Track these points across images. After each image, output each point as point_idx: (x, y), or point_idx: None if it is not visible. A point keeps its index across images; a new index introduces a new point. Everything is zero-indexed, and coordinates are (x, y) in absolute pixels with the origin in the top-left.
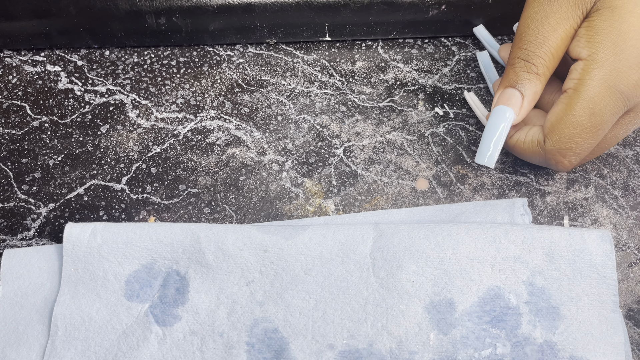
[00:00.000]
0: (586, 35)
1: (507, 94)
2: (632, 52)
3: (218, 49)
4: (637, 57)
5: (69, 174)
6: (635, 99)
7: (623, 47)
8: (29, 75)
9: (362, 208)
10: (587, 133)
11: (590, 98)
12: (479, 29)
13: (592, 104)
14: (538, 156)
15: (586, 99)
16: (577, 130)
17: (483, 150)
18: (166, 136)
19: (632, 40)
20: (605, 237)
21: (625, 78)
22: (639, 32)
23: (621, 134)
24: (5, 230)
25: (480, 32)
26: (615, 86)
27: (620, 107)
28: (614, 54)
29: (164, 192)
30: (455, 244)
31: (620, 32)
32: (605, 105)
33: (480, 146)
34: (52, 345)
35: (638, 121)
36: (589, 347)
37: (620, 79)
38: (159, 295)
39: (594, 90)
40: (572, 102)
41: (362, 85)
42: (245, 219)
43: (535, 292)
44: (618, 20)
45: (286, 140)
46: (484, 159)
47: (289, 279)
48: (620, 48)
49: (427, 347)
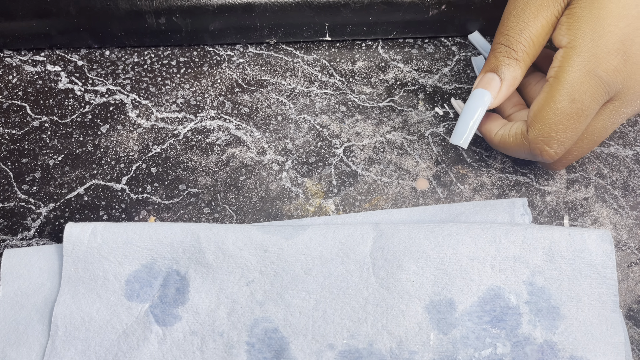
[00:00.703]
0: (567, 23)
1: (486, 78)
2: (611, 38)
3: (218, 49)
4: (616, 43)
5: (69, 174)
6: (615, 85)
7: (601, 33)
8: (29, 75)
9: (362, 208)
10: (568, 120)
11: (570, 84)
12: (474, 35)
13: (572, 91)
14: (523, 148)
15: (566, 86)
16: (558, 118)
17: (459, 132)
18: (166, 136)
19: (611, 26)
20: (605, 237)
21: (604, 64)
22: (617, 18)
23: (609, 125)
24: (5, 230)
25: (475, 39)
26: (594, 72)
27: (600, 93)
28: (592, 40)
29: (164, 192)
30: (455, 244)
31: (599, 19)
32: (584, 92)
33: (456, 127)
34: (52, 345)
35: (624, 111)
36: (589, 347)
37: (598, 64)
38: (159, 295)
39: (574, 77)
40: (552, 90)
41: (362, 85)
42: (245, 219)
43: (536, 292)
44: (597, 7)
45: (286, 140)
46: (459, 140)
47: (289, 278)
48: (599, 34)
49: (427, 347)
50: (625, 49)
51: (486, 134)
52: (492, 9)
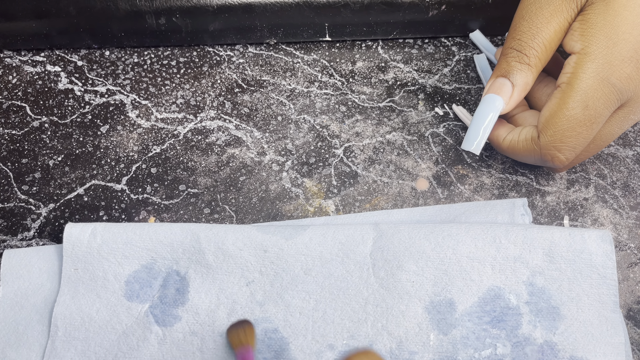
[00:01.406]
0: (580, 28)
1: (498, 83)
2: (625, 46)
3: (218, 49)
4: (630, 50)
5: (69, 174)
6: (628, 92)
7: (616, 40)
8: (29, 75)
9: (362, 208)
10: (581, 127)
11: (584, 91)
12: (475, 34)
13: (585, 97)
14: (533, 154)
15: (579, 92)
16: (571, 124)
17: (471, 137)
18: (166, 136)
19: (625, 33)
20: (605, 237)
21: (618, 71)
22: (632, 25)
23: (616, 131)
24: (5, 230)
25: (477, 38)
26: (608, 79)
27: (613, 101)
28: (607, 47)
29: (164, 192)
30: (455, 244)
31: (613, 26)
32: (598, 99)
33: (467, 133)
34: (52, 346)
35: (632, 117)
36: (589, 348)
37: (612, 71)
38: (159, 295)
39: (587, 84)
40: (565, 96)
41: (362, 85)
42: (245, 219)
43: (536, 292)
44: (612, 14)
45: (286, 140)
46: (471, 146)
47: (289, 279)
48: (613, 41)
49: (427, 347)
50: (638, 56)
51: (494, 139)
52: (492, 9)
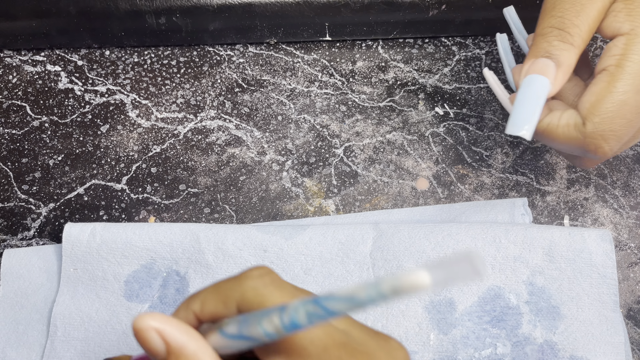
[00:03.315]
0: (625, 8)
1: (539, 63)
2: None
3: (218, 48)
4: None
5: (69, 174)
6: None
7: None
8: (29, 75)
9: (362, 208)
10: (632, 113)
11: (636, 74)
12: (509, 10)
13: (638, 81)
14: (575, 142)
15: (632, 75)
16: (621, 110)
17: (518, 121)
18: (166, 136)
19: None
20: (605, 236)
21: None
22: None
23: None
24: (5, 230)
25: (510, 14)
26: None
27: None
28: None
29: (164, 192)
30: (455, 244)
31: None
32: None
33: (512, 116)
34: (52, 346)
35: None
36: (589, 347)
37: None
38: (159, 295)
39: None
40: (614, 79)
41: (363, 85)
42: (245, 219)
43: (536, 292)
44: None
45: (286, 140)
46: (519, 130)
47: (288, 278)
48: None
49: (427, 346)
50: None
51: None
52: (492, 9)
